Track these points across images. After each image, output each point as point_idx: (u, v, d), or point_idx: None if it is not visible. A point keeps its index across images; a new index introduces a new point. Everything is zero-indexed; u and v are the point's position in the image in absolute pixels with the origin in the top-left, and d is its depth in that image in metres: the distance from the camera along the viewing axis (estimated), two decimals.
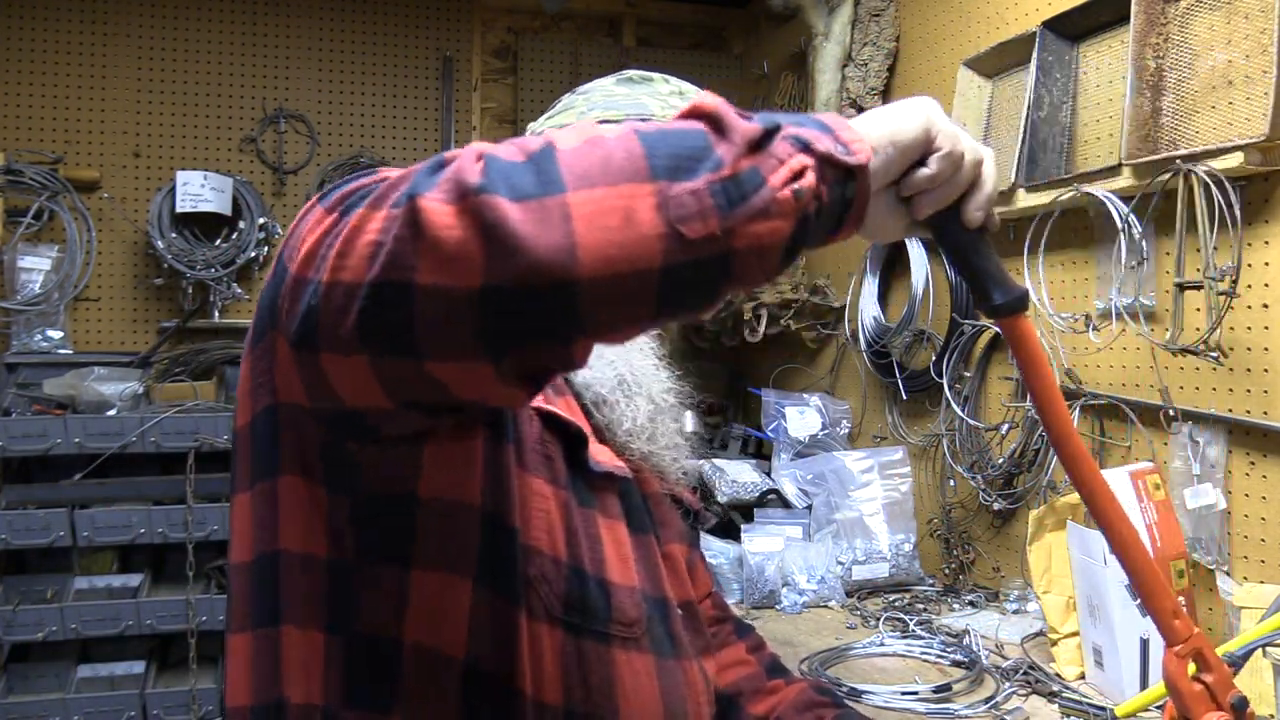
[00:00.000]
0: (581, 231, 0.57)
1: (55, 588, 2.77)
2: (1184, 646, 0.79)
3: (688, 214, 0.59)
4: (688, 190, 0.59)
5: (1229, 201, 1.50)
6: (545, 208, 0.57)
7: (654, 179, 0.59)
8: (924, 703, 1.53)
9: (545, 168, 0.58)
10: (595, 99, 1.03)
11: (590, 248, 0.57)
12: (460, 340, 0.59)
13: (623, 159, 0.59)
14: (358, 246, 0.60)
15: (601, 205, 0.58)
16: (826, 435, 2.69)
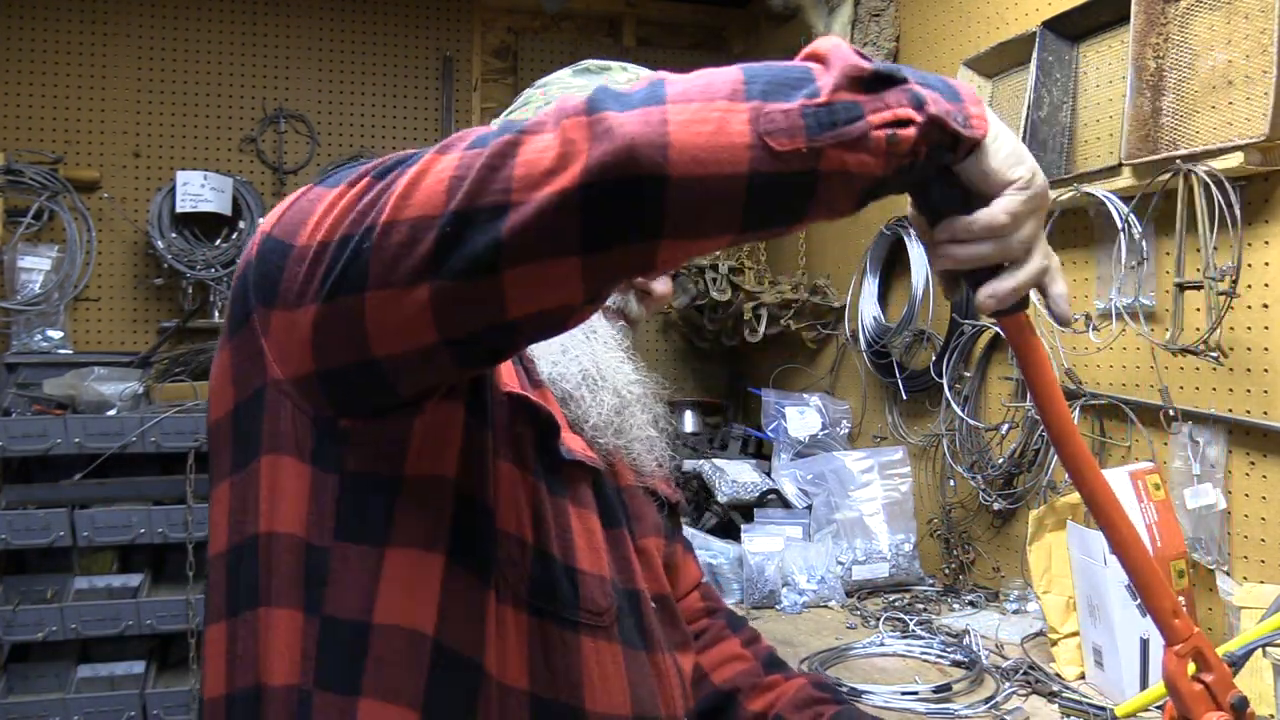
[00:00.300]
0: (675, 133, 0.60)
1: (55, 588, 2.77)
2: (1184, 646, 0.79)
3: (777, 128, 0.62)
4: (780, 109, 0.62)
5: (1229, 201, 1.50)
6: (647, 113, 0.61)
7: (750, 99, 0.62)
8: (924, 703, 1.53)
9: (653, 89, 0.64)
10: (553, 92, 1.04)
11: (682, 146, 0.60)
12: (551, 240, 0.63)
13: (723, 82, 0.63)
14: (424, 187, 0.65)
15: (697, 115, 0.61)
16: (826, 435, 2.69)
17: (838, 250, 2.97)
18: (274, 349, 0.76)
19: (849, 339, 2.76)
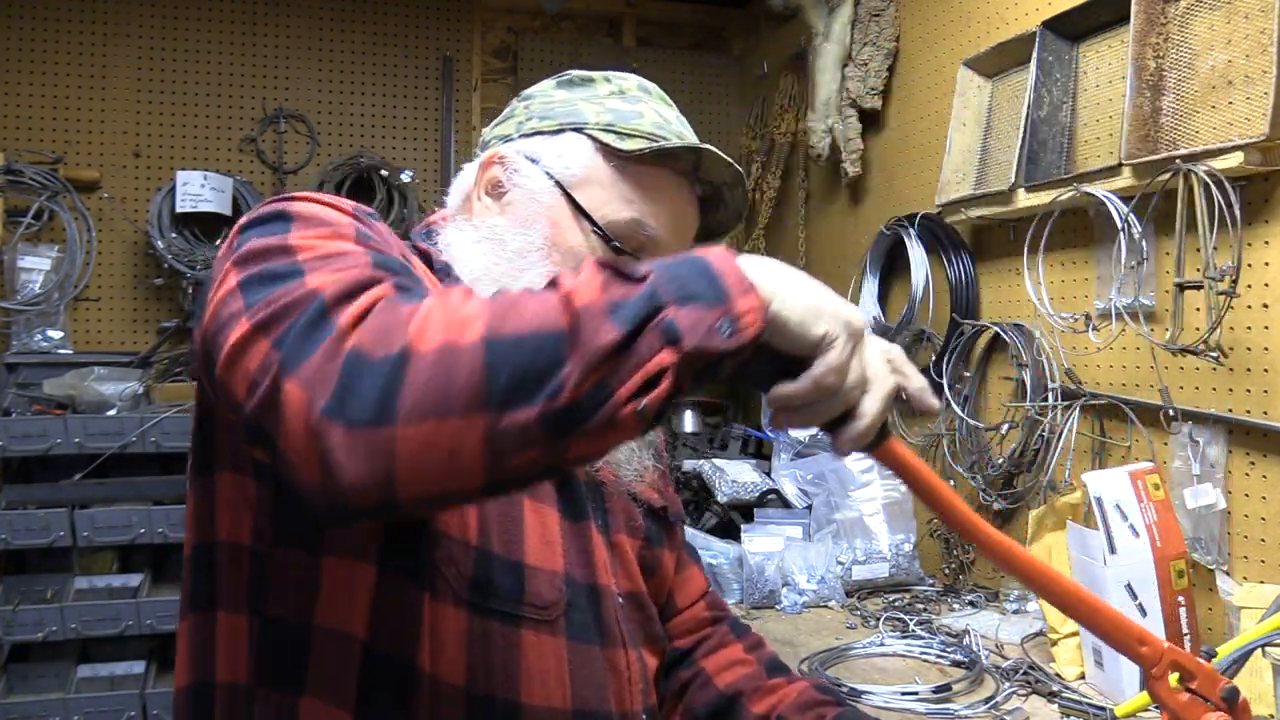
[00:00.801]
0: (403, 468, 0.62)
1: (55, 588, 2.77)
2: (1159, 667, 0.79)
3: (511, 447, 0.62)
4: (518, 424, 0.61)
5: (1229, 201, 1.50)
6: (372, 440, 0.62)
7: (487, 408, 0.61)
8: (924, 703, 1.53)
9: (390, 387, 0.62)
10: (535, 106, 1.04)
11: (409, 480, 0.62)
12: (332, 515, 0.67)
13: (463, 383, 0.62)
14: (241, 366, 0.69)
15: (428, 441, 0.62)
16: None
17: (838, 250, 2.97)
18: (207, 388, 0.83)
19: None
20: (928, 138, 2.49)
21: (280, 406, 0.65)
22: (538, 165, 0.98)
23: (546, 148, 0.99)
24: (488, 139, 1.06)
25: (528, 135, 1.01)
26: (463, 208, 1.03)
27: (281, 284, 0.71)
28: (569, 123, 1.00)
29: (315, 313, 0.67)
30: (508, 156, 1.00)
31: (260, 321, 0.69)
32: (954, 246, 2.32)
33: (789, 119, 3.20)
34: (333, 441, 0.62)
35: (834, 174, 2.90)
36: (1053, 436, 1.95)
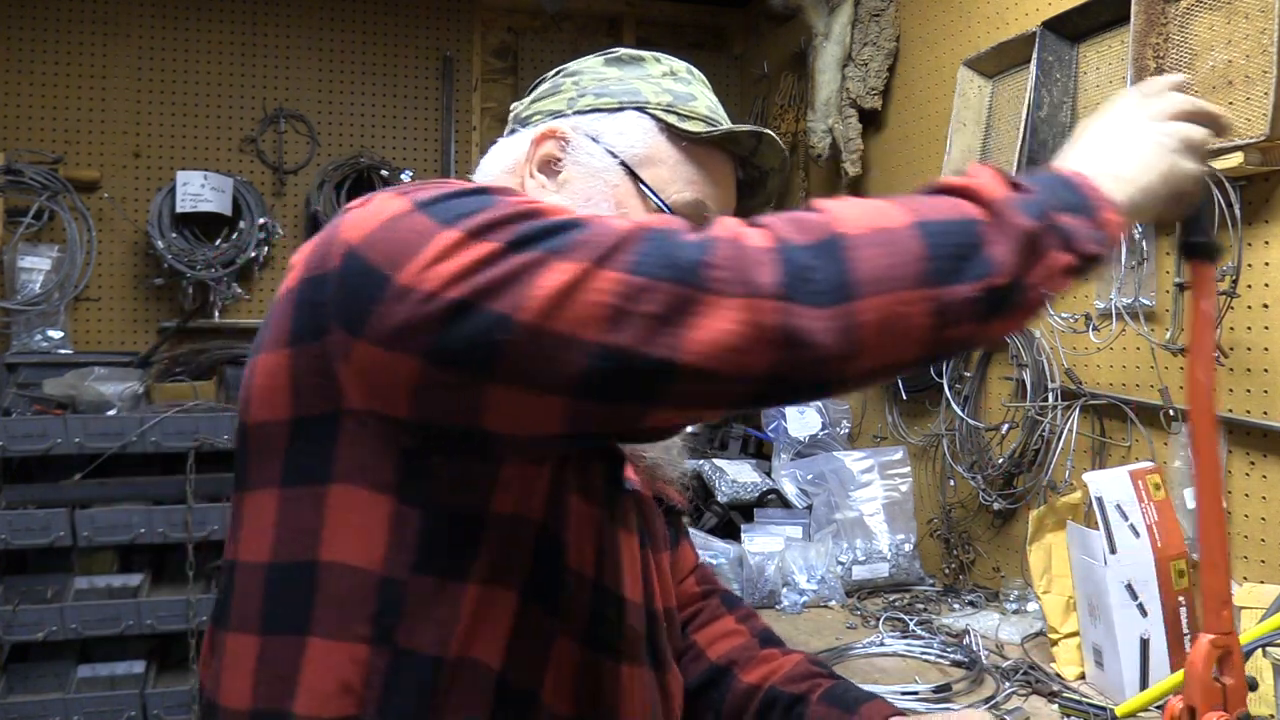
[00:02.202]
0: (868, 339, 0.66)
1: (55, 588, 2.77)
2: (1219, 638, 0.79)
3: (952, 320, 0.68)
4: (959, 298, 0.67)
5: (1229, 201, 1.50)
6: (840, 315, 0.65)
7: (935, 283, 0.67)
8: (924, 703, 1.53)
9: (836, 264, 0.66)
10: (585, 83, 0.99)
11: (871, 351, 0.67)
12: (714, 400, 0.68)
13: (911, 260, 0.67)
14: (579, 303, 0.65)
15: (886, 314, 0.66)
16: (826, 435, 2.69)
17: None
18: (358, 381, 0.73)
19: None
20: (928, 138, 2.49)
21: (700, 302, 0.64)
22: (599, 143, 0.95)
23: (608, 125, 0.96)
24: (527, 113, 1.01)
25: (583, 112, 0.97)
26: (506, 182, 0.97)
27: (484, 200, 0.71)
28: (629, 101, 0.97)
29: (555, 222, 0.68)
30: (566, 133, 0.96)
31: (482, 224, 0.68)
32: None
33: (789, 119, 3.20)
34: (798, 323, 0.64)
35: (834, 174, 2.90)
36: (1053, 436, 1.95)
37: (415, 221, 0.70)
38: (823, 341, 0.64)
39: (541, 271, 0.66)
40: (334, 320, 0.73)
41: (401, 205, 0.72)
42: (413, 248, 0.69)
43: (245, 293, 3.16)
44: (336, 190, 3.22)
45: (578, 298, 0.65)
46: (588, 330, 0.65)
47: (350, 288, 0.72)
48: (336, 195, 3.21)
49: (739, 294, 0.64)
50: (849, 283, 0.65)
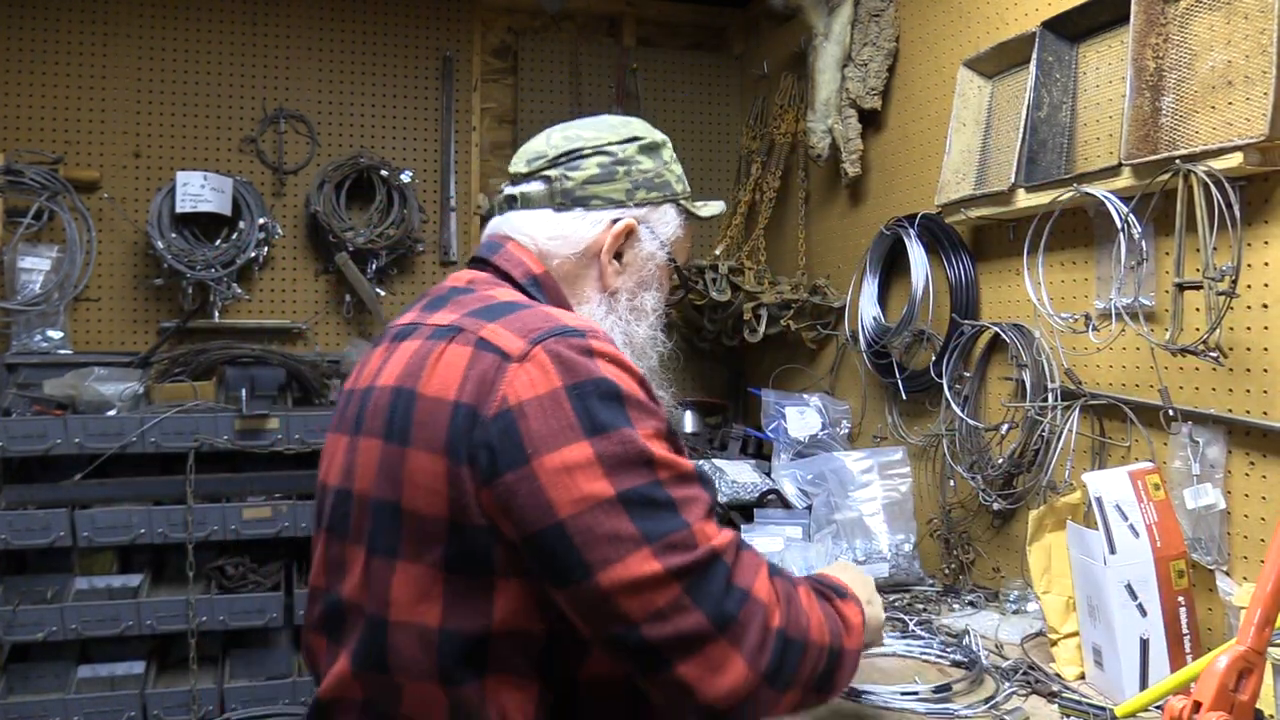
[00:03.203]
0: (767, 712, 1.01)
1: (55, 588, 2.77)
2: (1249, 652, 0.79)
3: (807, 705, 1.09)
4: (817, 698, 1.09)
5: (1229, 201, 1.50)
6: (773, 700, 1.01)
7: (811, 691, 1.06)
8: (924, 703, 1.53)
9: (799, 667, 1.03)
10: (635, 174, 1.25)
11: (760, 716, 1.02)
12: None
13: (815, 674, 1.05)
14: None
15: (789, 703, 1.04)
16: (826, 435, 2.69)
17: (838, 250, 2.97)
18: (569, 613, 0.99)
19: (849, 339, 2.76)
20: (928, 138, 2.49)
21: (708, 655, 0.94)
22: (654, 235, 1.26)
23: (657, 217, 1.26)
24: (582, 194, 1.22)
25: (640, 205, 1.25)
26: (568, 256, 1.21)
27: (675, 522, 0.95)
28: (667, 195, 1.28)
29: (727, 580, 0.96)
30: (637, 229, 1.24)
31: (673, 568, 0.93)
32: (954, 247, 2.33)
33: (789, 119, 3.20)
34: (758, 695, 0.97)
35: (834, 174, 2.90)
36: (1053, 436, 1.95)
37: (619, 523, 0.94)
38: (747, 708, 0.97)
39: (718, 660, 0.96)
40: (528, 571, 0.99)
41: (603, 488, 0.94)
42: (614, 555, 0.93)
43: (245, 293, 3.17)
44: (336, 190, 3.22)
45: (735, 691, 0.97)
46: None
47: (545, 552, 0.95)
48: (336, 195, 3.21)
49: (739, 665, 0.98)
50: (794, 682, 1.02)
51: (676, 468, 0.98)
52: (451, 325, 1.04)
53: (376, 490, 1.02)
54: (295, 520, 2.79)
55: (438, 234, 3.41)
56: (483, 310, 1.06)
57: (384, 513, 1.01)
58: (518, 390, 0.95)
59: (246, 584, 2.82)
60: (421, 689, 0.99)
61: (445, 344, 1.02)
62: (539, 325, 1.00)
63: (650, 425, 0.98)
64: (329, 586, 1.09)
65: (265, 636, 2.89)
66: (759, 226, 3.29)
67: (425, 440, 0.98)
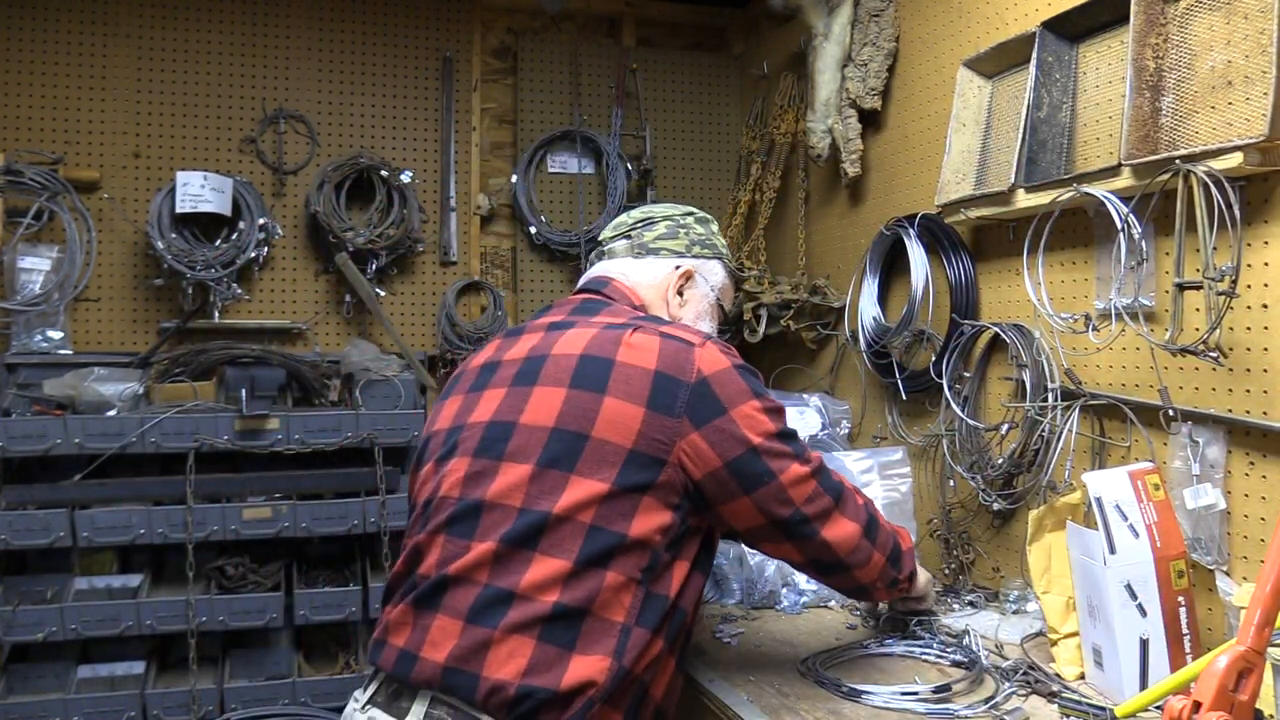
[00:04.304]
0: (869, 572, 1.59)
1: (55, 588, 2.77)
2: (1249, 652, 0.79)
3: (885, 581, 1.63)
4: (890, 577, 1.62)
5: (1229, 202, 1.50)
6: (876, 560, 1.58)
7: (886, 565, 1.59)
8: (924, 703, 1.53)
9: (883, 548, 1.59)
10: (694, 235, 1.76)
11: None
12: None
13: (885, 553, 1.59)
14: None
15: (875, 564, 1.58)
16: (826, 435, 2.69)
17: (838, 250, 2.97)
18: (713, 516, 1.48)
19: (849, 339, 2.76)
20: (928, 138, 2.49)
21: (835, 520, 1.48)
22: (706, 281, 1.74)
23: (707, 267, 1.75)
24: (655, 246, 1.72)
25: (696, 257, 1.73)
26: (650, 292, 1.69)
27: (802, 446, 1.47)
28: (716, 252, 1.77)
29: (833, 479, 1.50)
30: (694, 274, 1.72)
31: (811, 470, 1.46)
32: (954, 247, 2.33)
33: (789, 119, 3.20)
34: (862, 545, 1.53)
35: (834, 174, 2.90)
36: (1052, 437, 1.95)
37: (782, 447, 1.46)
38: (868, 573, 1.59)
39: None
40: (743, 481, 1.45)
41: (769, 428, 1.45)
42: (784, 466, 1.45)
43: (245, 293, 3.17)
44: (336, 190, 3.21)
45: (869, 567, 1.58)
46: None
47: (741, 470, 1.43)
48: (336, 195, 3.21)
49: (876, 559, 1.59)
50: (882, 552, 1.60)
51: (783, 417, 1.46)
52: (627, 323, 1.47)
53: (561, 422, 1.37)
54: (295, 520, 2.79)
55: (438, 234, 3.41)
56: (645, 318, 1.53)
57: (567, 438, 1.35)
58: (707, 366, 1.40)
59: (246, 584, 2.82)
60: (552, 564, 1.30)
61: (631, 332, 1.44)
62: (697, 330, 1.50)
63: (765, 393, 1.45)
64: (464, 495, 1.39)
65: (265, 636, 2.89)
66: (759, 227, 3.29)
67: (626, 393, 1.37)
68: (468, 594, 1.31)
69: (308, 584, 2.89)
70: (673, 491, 1.37)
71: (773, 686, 1.64)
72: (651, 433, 1.35)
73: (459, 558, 1.34)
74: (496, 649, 1.27)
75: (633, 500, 1.33)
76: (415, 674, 1.31)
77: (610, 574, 1.31)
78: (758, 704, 1.57)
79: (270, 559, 2.92)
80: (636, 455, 1.34)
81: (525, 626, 1.28)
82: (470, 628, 1.29)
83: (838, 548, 1.47)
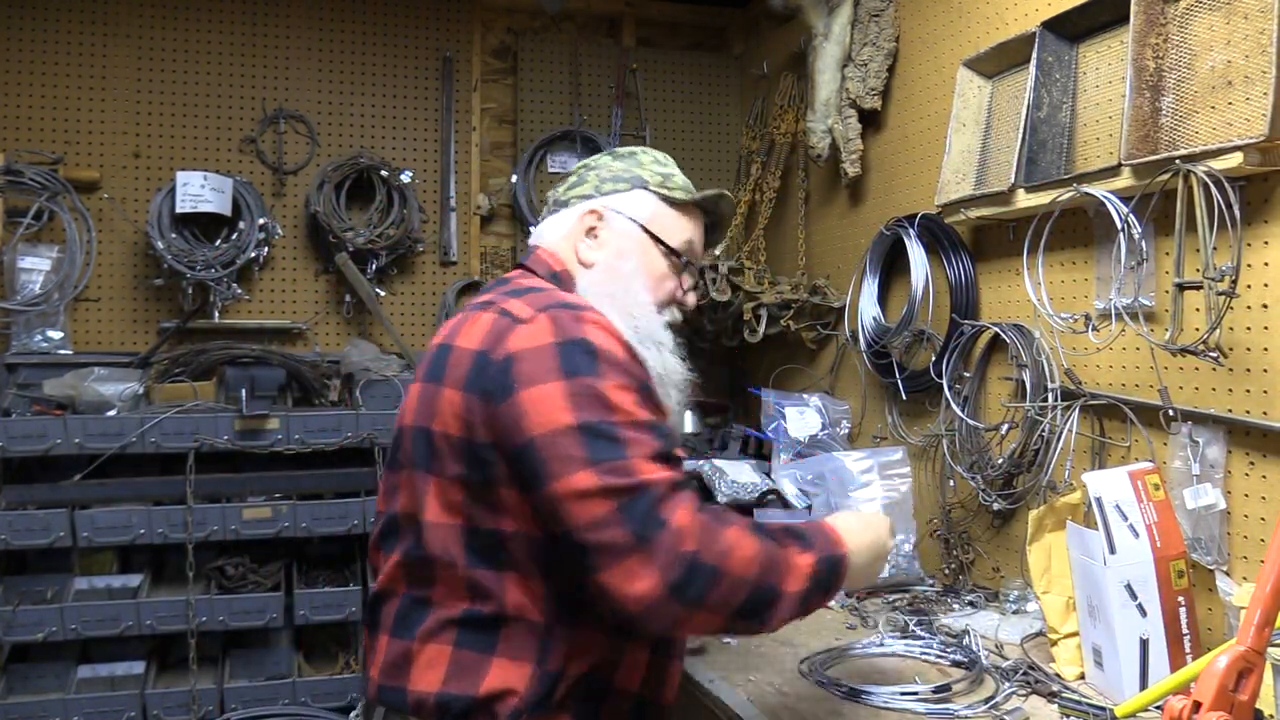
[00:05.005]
0: (683, 630, 1.29)
1: (55, 588, 2.77)
2: (1249, 651, 0.79)
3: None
4: (742, 628, 1.23)
5: (1228, 202, 1.50)
6: (681, 615, 1.14)
7: (733, 618, 1.18)
8: (924, 703, 1.53)
9: (708, 589, 1.13)
10: (604, 174, 1.50)
11: (681, 632, 1.37)
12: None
13: (735, 603, 1.16)
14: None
15: (701, 624, 1.19)
16: (826, 435, 2.69)
17: (838, 250, 2.97)
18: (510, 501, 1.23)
19: (849, 339, 2.76)
20: (928, 138, 2.49)
21: (626, 565, 1.10)
22: (621, 214, 1.46)
23: (625, 201, 1.47)
24: (564, 199, 1.50)
25: (607, 194, 1.47)
26: (563, 247, 1.46)
27: (616, 452, 1.13)
28: (636, 183, 1.49)
29: (650, 506, 1.11)
30: (602, 210, 1.46)
31: (608, 487, 1.11)
32: (954, 247, 2.33)
33: (789, 119, 3.20)
34: (665, 605, 1.10)
35: (834, 174, 2.90)
36: (1052, 436, 1.95)
37: (573, 446, 1.15)
38: (659, 620, 1.14)
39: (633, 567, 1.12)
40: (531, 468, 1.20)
41: (567, 419, 1.16)
42: (566, 470, 1.14)
43: (245, 293, 3.17)
44: (336, 190, 3.21)
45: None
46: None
47: (521, 463, 1.19)
48: (336, 195, 3.21)
49: (649, 574, 1.14)
50: (701, 602, 1.14)
51: (634, 415, 1.17)
52: (485, 302, 1.33)
53: (417, 420, 1.29)
54: (295, 520, 2.79)
55: (438, 234, 3.41)
56: (511, 291, 1.34)
57: (422, 438, 1.27)
58: (519, 343, 1.21)
59: (246, 584, 2.82)
60: (451, 573, 1.23)
61: (480, 313, 1.30)
62: (548, 301, 1.27)
63: (620, 379, 1.18)
64: (386, 508, 1.34)
65: (265, 636, 2.89)
66: (759, 226, 3.29)
67: (453, 380, 1.24)
68: (391, 607, 1.30)
69: (308, 584, 2.89)
70: None
71: (773, 686, 1.64)
72: (472, 419, 1.21)
73: (386, 569, 1.32)
74: (418, 659, 1.24)
75: (490, 493, 1.22)
76: (370, 693, 1.31)
77: (509, 573, 1.22)
78: (758, 704, 1.57)
79: (270, 559, 2.92)
80: (470, 445, 1.22)
81: (440, 634, 1.24)
82: (394, 640, 1.27)
83: (624, 601, 1.10)
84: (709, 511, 1.16)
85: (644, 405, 1.19)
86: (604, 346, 1.21)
